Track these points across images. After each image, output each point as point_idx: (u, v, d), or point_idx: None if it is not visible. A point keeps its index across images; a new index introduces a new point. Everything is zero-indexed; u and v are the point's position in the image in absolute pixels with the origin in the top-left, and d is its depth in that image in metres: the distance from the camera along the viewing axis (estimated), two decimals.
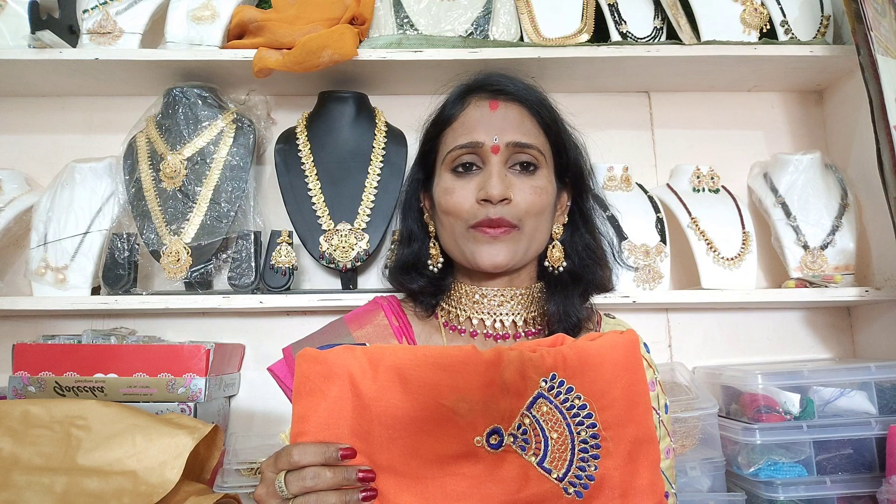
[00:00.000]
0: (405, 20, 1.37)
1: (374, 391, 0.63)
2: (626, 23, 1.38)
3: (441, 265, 0.92)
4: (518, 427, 0.64)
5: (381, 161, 1.32)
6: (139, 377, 1.15)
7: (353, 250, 1.27)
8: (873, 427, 1.16)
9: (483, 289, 0.89)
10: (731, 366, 1.38)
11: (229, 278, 1.29)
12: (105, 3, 1.33)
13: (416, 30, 1.36)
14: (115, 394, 1.15)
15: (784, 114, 1.55)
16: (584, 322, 0.90)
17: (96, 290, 1.29)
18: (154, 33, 1.36)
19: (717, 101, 1.54)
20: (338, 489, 0.60)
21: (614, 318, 0.97)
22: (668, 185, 1.44)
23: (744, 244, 1.33)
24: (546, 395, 0.65)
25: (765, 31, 1.39)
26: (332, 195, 1.30)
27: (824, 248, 1.34)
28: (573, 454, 0.64)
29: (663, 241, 1.33)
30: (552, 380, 0.66)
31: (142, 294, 1.26)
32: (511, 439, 0.64)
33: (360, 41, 1.32)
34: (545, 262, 0.91)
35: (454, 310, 0.91)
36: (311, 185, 1.30)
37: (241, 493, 1.13)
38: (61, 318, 1.39)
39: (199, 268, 1.26)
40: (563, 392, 0.66)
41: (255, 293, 1.27)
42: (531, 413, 0.65)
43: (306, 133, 1.35)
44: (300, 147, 1.33)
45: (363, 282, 1.41)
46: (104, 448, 1.02)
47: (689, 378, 1.32)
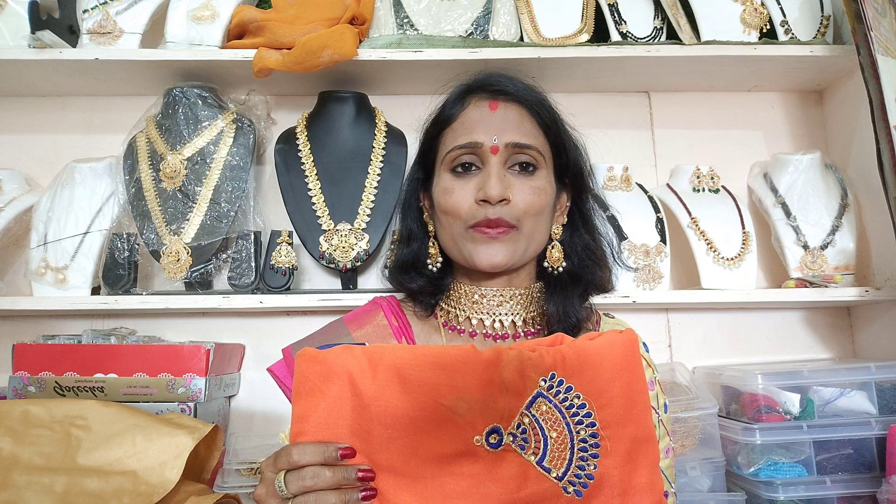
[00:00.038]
0: (405, 20, 1.37)
1: (374, 391, 0.63)
2: (626, 23, 1.38)
3: (440, 265, 0.92)
4: (517, 426, 0.64)
5: (381, 161, 1.32)
6: (139, 377, 1.15)
7: (353, 250, 1.27)
8: (873, 427, 1.16)
9: (482, 289, 0.89)
10: (731, 366, 1.38)
11: (229, 278, 1.29)
12: (105, 3, 1.33)
13: (416, 30, 1.36)
14: (115, 394, 1.15)
15: (784, 114, 1.55)
16: (584, 322, 0.90)
17: (96, 290, 1.29)
18: (154, 33, 1.36)
19: (717, 101, 1.54)
20: (337, 489, 0.60)
21: (613, 317, 0.97)
22: (668, 185, 1.44)
23: (744, 244, 1.33)
24: (545, 394, 0.65)
25: (765, 31, 1.39)
26: (332, 195, 1.30)
27: (824, 248, 1.34)
28: (572, 453, 0.64)
29: (663, 241, 1.33)
30: (551, 379, 0.66)
31: (142, 294, 1.26)
32: (510, 438, 0.64)
33: (360, 41, 1.32)
34: (544, 263, 0.91)
35: (453, 310, 0.91)
36: (311, 185, 1.30)
37: (241, 493, 1.13)
38: (61, 318, 1.39)
39: (199, 268, 1.26)
40: (563, 391, 0.66)
41: (255, 293, 1.27)
42: (530, 412, 0.65)
43: (306, 133, 1.35)
44: (300, 147, 1.33)
45: (363, 282, 1.41)
46: (104, 448, 1.02)
47: (689, 378, 1.32)
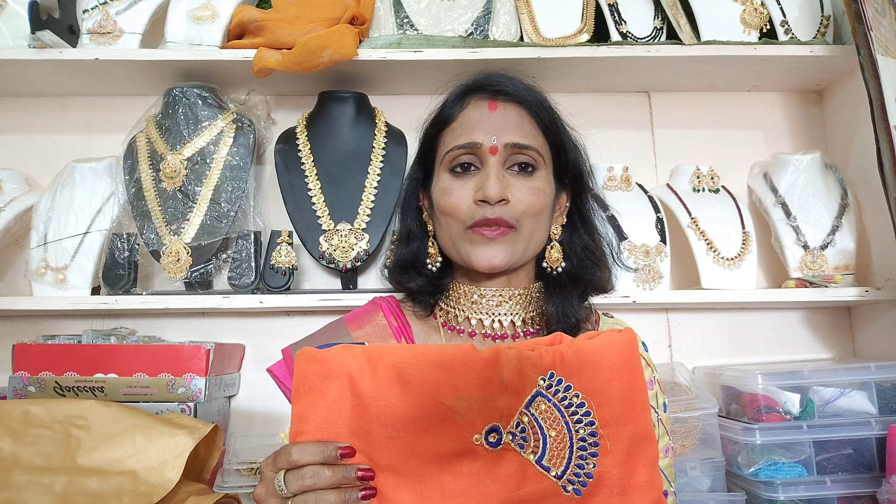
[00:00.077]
0: (405, 20, 1.37)
1: (373, 390, 0.63)
2: (626, 23, 1.38)
3: (439, 265, 0.92)
4: (517, 425, 0.64)
5: (381, 161, 1.32)
6: (139, 377, 1.15)
7: (352, 250, 1.27)
8: (873, 427, 1.16)
9: (481, 289, 0.89)
10: (731, 366, 1.38)
11: (229, 278, 1.29)
12: (105, 3, 1.33)
13: (416, 30, 1.36)
14: (115, 394, 1.15)
15: (784, 114, 1.55)
16: (583, 322, 0.90)
17: (96, 290, 1.29)
18: (154, 33, 1.36)
19: (717, 101, 1.54)
20: (337, 488, 0.60)
21: (613, 317, 0.97)
22: (668, 185, 1.44)
23: (744, 244, 1.33)
24: (544, 393, 0.65)
25: (765, 31, 1.39)
26: (332, 195, 1.30)
27: (824, 248, 1.34)
28: (571, 452, 0.64)
29: (663, 241, 1.33)
30: (550, 378, 0.66)
31: (142, 294, 1.26)
32: (509, 437, 0.64)
33: (360, 41, 1.32)
34: (543, 263, 0.91)
35: (453, 310, 0.91)
36: (311, 185, 1.30)
37: (241, 493, 1.13)
38: (61, 318, 1.39)
39: (199, 268, 1.26)
40: (562, 390, 0.66)
41: (255, 293, 1.27)
42: (529, 411, 0.65)
43: (306, 133, 1.35)
44: (300, 147, 1.33)
45: (363, 282, 1.41)
46: (104, 448, 1.02)
47: (688, 378, 1.32)
